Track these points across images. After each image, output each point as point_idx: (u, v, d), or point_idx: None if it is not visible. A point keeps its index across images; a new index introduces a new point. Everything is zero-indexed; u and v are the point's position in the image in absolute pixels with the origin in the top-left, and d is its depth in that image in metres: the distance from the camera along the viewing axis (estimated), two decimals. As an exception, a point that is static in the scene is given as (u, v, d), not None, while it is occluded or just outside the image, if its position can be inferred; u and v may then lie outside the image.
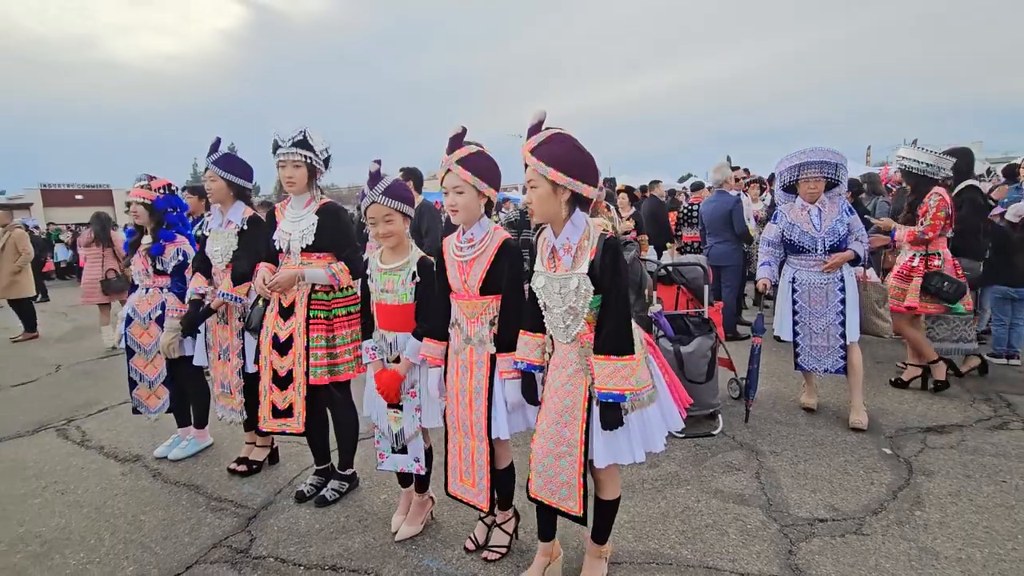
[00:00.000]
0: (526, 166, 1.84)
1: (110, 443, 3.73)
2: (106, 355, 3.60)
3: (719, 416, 3.58)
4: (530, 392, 2.06)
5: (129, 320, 3.43)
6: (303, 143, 2.64)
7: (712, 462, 3.12)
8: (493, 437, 2.14)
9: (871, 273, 3.90)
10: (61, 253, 17.25)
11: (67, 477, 3.26)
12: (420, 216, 4.54)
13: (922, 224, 3.78)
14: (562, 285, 1.85)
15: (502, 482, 2.29)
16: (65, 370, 5.72)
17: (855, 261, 3.49)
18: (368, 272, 2.44)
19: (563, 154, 1.79)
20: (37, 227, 19.99)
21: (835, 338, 3.49)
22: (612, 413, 1.79)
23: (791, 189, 3.61)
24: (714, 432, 3.47)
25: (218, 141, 3.11)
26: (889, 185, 7.60)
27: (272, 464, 3.30)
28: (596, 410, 1.84)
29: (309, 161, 2.66)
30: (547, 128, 1.86)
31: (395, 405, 2.36)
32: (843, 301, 3.47)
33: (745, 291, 6.82)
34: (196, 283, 3.20)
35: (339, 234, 2.73)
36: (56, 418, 4.27)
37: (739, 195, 5.70)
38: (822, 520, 2.51)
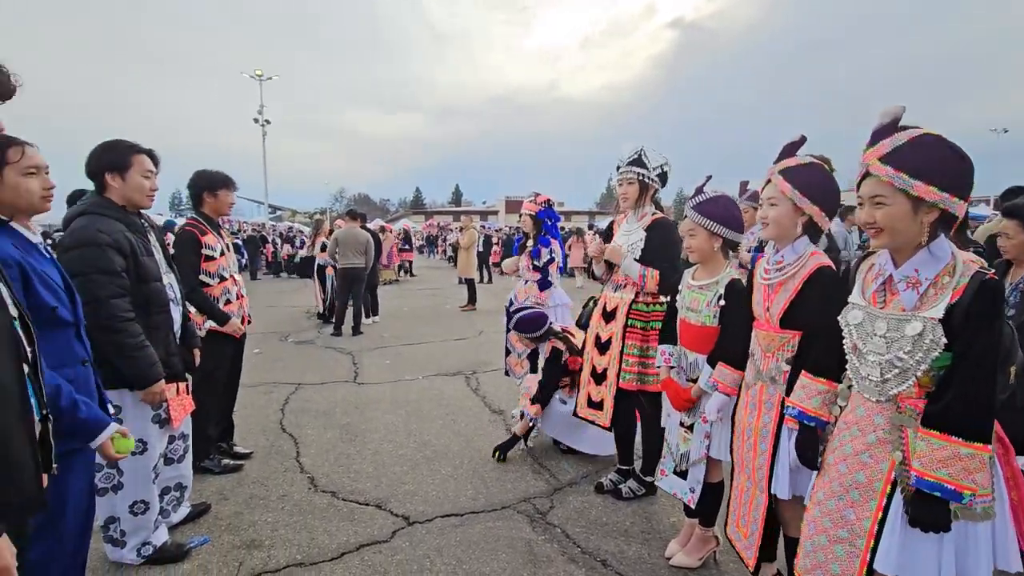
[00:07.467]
0: (862, 178, 1.46)
1: (490, 395, 4.87)
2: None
3: None
4: (808, 450, 1.65)
5: (511, 304, 4.39)
6: (637, 161, 2.80)
7: None
8: (772, 492, 1.83)
9: None
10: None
11: (459, 412, 4.45)
12: None
13: None
14: (892, 327, 1.41)
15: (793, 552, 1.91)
16: (484, 335, 7.71)
17: None
18: (680, 287, 2.42)
19: (934, 161, 1.34)
20: (499, 229, 27.23)
21: None
22: (935, 509, 1.29)
23: None
24: None
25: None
26: None
27: (589, 451, 3.66)
28: (898, 498, 1.35)
29: (641, 178, 2.81)
30: (904, 128, 1.43)
31: (687, 425, 2.29)
32: None
33: None
34: None
35: (662, 250, 2.77)
36: (467, 368, 5.84)
37: None
38: None
